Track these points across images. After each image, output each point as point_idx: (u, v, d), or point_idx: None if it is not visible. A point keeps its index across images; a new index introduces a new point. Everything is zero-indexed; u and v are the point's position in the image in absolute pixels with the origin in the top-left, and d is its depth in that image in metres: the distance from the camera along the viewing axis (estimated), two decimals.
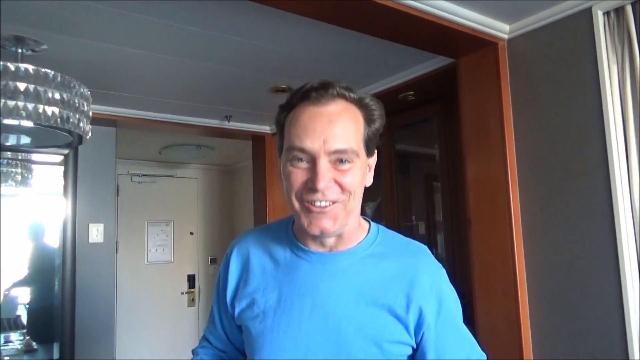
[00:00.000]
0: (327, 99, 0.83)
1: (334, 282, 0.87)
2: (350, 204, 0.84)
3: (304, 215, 0.83)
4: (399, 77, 2.47)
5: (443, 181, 2.68)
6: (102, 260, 3.02)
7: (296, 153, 0.82)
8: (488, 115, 1.95)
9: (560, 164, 1.75)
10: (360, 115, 0.86)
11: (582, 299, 1.67)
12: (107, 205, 3.08)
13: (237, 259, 0.97)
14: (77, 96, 1.73)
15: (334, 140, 0.80)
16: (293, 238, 0.93)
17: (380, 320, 0.84)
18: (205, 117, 3.17)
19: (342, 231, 0.87)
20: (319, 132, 0.80)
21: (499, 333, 1.86)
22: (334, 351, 0.84)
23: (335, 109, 0.83)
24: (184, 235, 4.85)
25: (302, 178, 0.82)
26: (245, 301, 0.92)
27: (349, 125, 0.83)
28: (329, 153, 0.81)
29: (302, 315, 0.86)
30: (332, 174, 0.81)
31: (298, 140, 0.81)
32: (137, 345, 4.32)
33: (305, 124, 0.82)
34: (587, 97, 1.67)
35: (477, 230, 1.97)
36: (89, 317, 2.93)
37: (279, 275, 0.91)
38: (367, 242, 0.91)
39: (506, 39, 1.94)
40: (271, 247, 0.95)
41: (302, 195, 0.83)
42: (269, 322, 0.88)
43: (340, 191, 0.82)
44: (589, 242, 1.66)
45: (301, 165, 0.82)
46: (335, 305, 0.85)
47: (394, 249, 0.92)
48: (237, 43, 2.00)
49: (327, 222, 0.82)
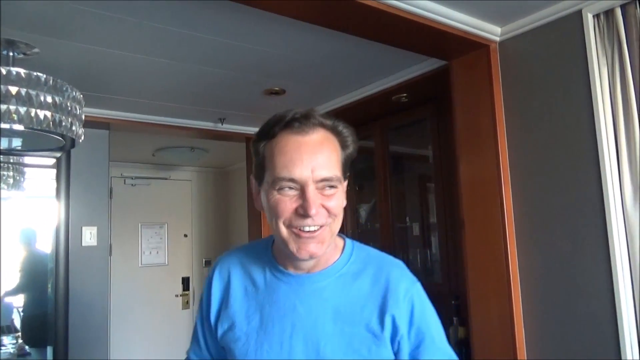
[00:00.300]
0: (309, 127, 0.86)
1: (311, 303, 0.90)
2: (334, 226, 0.88)
3: (292, 241, 0.86)
4: (392, 79, 2.48)
5: (437, 182, 2.69)
6: (96, 263, 3.01)
7: (285, 183, 0.84)
8: (480, 116, 1.97)
9: (552, 165, 1.77)
10: (337, 143, 0.90)
11: (574, 298, 1.69)
12: (101, 208, 3.06)
13: (218, 280, 1.00)
14: (70, 99, 1.73)
15: (320, 169, 0.84)
16: (273, 260, 0.96)
17: (358, 338, 0.87)
18: (198, 120, 3.17)
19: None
20: (307, 162, 0.84)
21: (493, 333, 1.87)
22: None
23: (317, 138, 0.86)
24: (178, 237, 4.84)
25: (292, 206, 0.84)
26: (227, 323, 0.95)
27: (332, 154, 0.87)
28: (317, 181, 0.84)
29: (283, 336, 0.89)
30: (320, 200, 0.85)
31: (287, 171, 0.84)
32: (131, 347, 4.30)
33: (292, 154, 0.84)
34: (578, 99, 1.69)
35: (471, 231, 1.98)
36: (82, 320, 2.92)
37: (259, 297, 0.94)
38: (342, 261, 0.94)
39: (498, 41, 1.96)
40: (252, 269, 0.98)
41: (291, 222, 0.85)
42: (251, 345, 0.91)
43: (327, 215, 0.86)
44: (581, 242, 1.68)
45: (290, 193, 0.85)
46: (313, 325, 0.88)
47: (369, 265, 0.94)
48: (230, 46, 2.00)
49: (315, 246, 0.86)
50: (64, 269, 2.87)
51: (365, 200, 3.28)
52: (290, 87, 2.60)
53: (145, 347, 4.35)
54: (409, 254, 3.00)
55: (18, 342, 3.58)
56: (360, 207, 3.27)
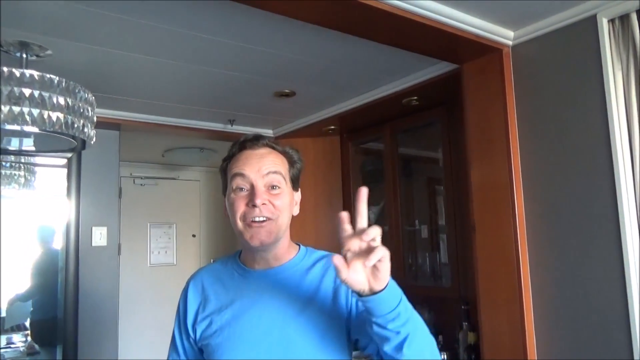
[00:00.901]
0: (258, 146, 1.09)
1: (274, 292, 1.07)
2: (280, 221, 1.05)
3: (246, 231, 1.04)
4: (402, 82, 2.47)
5: (447, 185, 2.67)
6: (105, 263, 3.02)
7: (238, 180, 1.05)
8: (492, 121, 1.95)
9: (564, 171, 1.75)
10: (284, 159, 1.11)
11: (587, 306, 1.67)
12: (110, 208, 3.08)
13: (193, 290, 1.17)
14: (82, 101, 1.73)
15: (266, 167, 1.05)
16: (240, 263, 1.15)
17: (315, 318, 1.03)
18: (208, 121, 3.18)
19: (275, 246, 1.08)
20: (254, 163, 1.06)
21: (503, 339, 1.85)
22: (282, 348, 1.01)
23: (265, 151, 1.09)
24: (186, 237, 4.85)
25: (245, 201, 1.04)
26: (205, 323, 1.10)
27: (277, 159, 1.09)
28: (263, 176, 1.05)
29: (252, 323, 1.05)
30: (267, 196, 1.04)
31: (238, 169, 1.06)
32: (140, 346, 4.32)
33: (243, 160, 1.07)
34: (592, 104, 1.67)
35: (482, 236, 1.97)
36: (92, 319, 2.94)
37: (230, 295, 1.11)
38: (297, 258, 1.12)
39: (511, 45, 1.94)
40: (222, 276, 1.16)
41: (244, 215, 1.03)
42: (225, 334, 1.06)
43: (273, 209, 1.04)
44: (594, 249, 1.66)
45: (242, 193, 1.05)
46: (277, 311, 1.04)
47: (319, 261, 1.12)
48: (241, 48, 2.00)
49: (264, 234, 1.03)
50: (74, 269, 2.89)
51: (374, 203, 3.27)
52: (301, 89, 2.59)
53: (154, 346, 4.35)
54: (417, 257, 2.99)
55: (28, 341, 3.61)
56: (369, 209, 3.23)
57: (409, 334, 0.86)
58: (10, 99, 1.55)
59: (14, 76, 1.57)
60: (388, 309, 0.83)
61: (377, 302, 0.82)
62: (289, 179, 1.10)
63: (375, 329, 0.86)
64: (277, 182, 1.06)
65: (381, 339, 0.87)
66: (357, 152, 3.40)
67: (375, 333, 0.87)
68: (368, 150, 3.44)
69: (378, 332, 0.86)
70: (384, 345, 0.87)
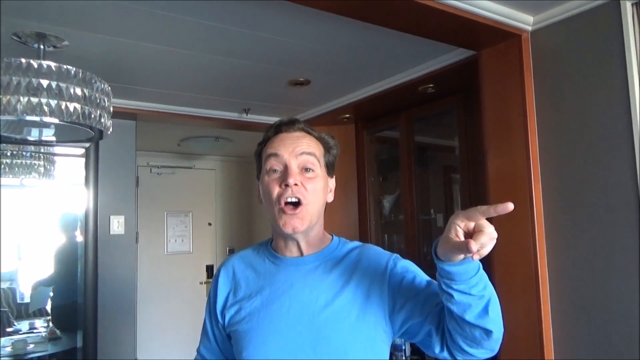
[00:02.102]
0: (294, 129, 1.08)
1: (306, 281, 1.05)
2: (312, 207, 1.03)
3: (280, 217, 1.02)
4: (418, 70, 2.44)
5: (462, 173, 2.65)
6: (123, 251, 3.07)
7: (272, 161, 1.04)
8: (510, 108, 1.92)
9: (584, 160, 1.72)
10: (319, 144, 1.10)
11: (605, 296, 1.65)
12: (128, 197, 3.12)
13: (224, 277, 1.15)
14: (98, 92, 1.75)
15: (300, 148, 1.05)
16: (271, 250, 1.13)
17: (347, 307, 1.01)
18: (223, 110, 3.18)
19: (308, 233, 1.06)
20: (288, 145, 1.05)
21: (520, 330, 1.84)
22: (311, 337, 0.99)
23: (300, 134, 1.09)
24: (202, 226, 4.90)
25: (278, 182, 1.03)
26: (234, 308, 1.09)
27: (312, 142, 1.08)
28: (297, 156, 1.04)
29: (281, 310, 1.03)
30: (300, 178, 1.02)
31: (272, 149, 1.05)
32: (157, 333, 4.40)
33: (278, 142, 1.07)
34: (614, 91, 1.63)
35: (498, 226, 1.93)
36: (111, 306, 2.99)
37: (260, 282, 1.09)
38: (331, 248, 1.11)
39: (530, 30, 1.90)
40: (253, 262, 1.14)
41: (278, 196, 1.02)
42: (254, 321, 1.04)
43: (305, 192, 1.02)
44: (613, 239, 1.63)
45: (275, 175, 1.04)
46: (308, 299, 1.02)
47: (352, 250, 1.11)
48: (255, 37, 1.99)
49: (297, 221, 1.01)
50: (93, 256, 2.95)
51: (389, 192, 3.26)
52: (315, 78, 2.58)
53: (171, 332, 4.44)
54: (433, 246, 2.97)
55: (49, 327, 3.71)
56: (384, 198, 3.25)
57: (491, 296, 0.87)
58: (28, 90, 1.57)
59: (31, 67, 1.59)
60: (473, 273, 0.84)
61: (466, 266, 0.83)
62: (324, 163, 1.09)
63: (458, 297, 0.85)
64: (311, 165, 1.05)
65: (464, 308, 0.85)
66: (372, 141, 3.38)
67: (457, 302, 0.85)
68: (383, 138, 3.42)
69: (461, 300, 0.85)
70: (468, 313, 0.86)
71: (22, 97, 1.56)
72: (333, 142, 1.13)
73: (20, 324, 4.26)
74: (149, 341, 4.32)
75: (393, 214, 3.18)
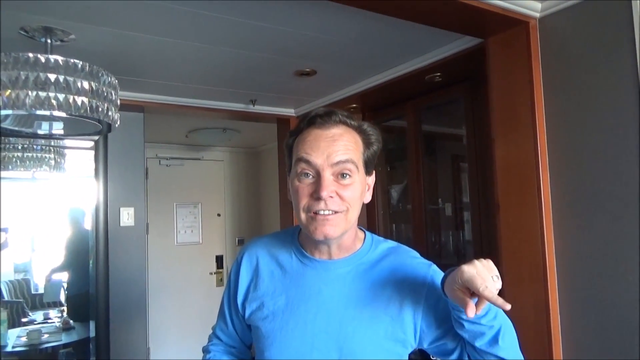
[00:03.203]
0: (330, 124, 0.95)
1: (335, 287, 0.98)
2: (349, 215, 0.94)
3: (310, 223, 0.93)
4: (425, 59, 2.42)
5: (470, 162, 2.64)
6: (134, 242, 3.11)
7: (303, 166, 0.93)
8: (518, 97, 1.90)
9: (593, 149, 1.70)
10: (359, 138, 0.97)
11: (613, 284, 1.64)
12: (137, 188, 3.15)
13: (247, 264, 1.08)
14: (105, 85, 1.76)
15: (335, 154, 0.92)
16: (299, 246, 1.04)
17: (377, 320, 0.95)
18: (230, 101, 3.19)
19: (342, 239, 0.97)
20: (323, 149, 0.92)
21: (527, 318, 1.84)
22: (336, 348, 0.94)
23: (337, 132, 0.94)
24: (211, 216, 4.94)
25: (309, 191, 0.92)
26: (255, 303, 1.03)
27: (349, 143, 0.94)
28: (332, 165, 0.92)
29: (307, 317, 0.96)
30: (334, 187, 0.92)
31: (305, 153, 0.93)
32: (168, 322, 4.46)
33: (311, 142, 0.93)
34: (623, 79, 1.60)
35: (506, 215, 1.94)
36: (122, 296, 3.04)
37: (286, 280, 1.02)
38: (363, 251, 1.02)
39: (538, 17, 1.87)
40: (278, 254, 1.06)
41: (308, 206, 0.93)
42: (277, 323, 0.98)
43: (341, 203, 0.92)
44: (622, 227, 1.62)
45: (307, 180, 0.93)
46: (336, 307, 0.96)
47: (387, 255, 1.02)
48: (261, 28, 1.99)
49: (330, 228, 0.92)
50: (104, 248, 2.99)
51: (397, 181, 3.25)
52: (321, 68, 2.57)
53: (181, 322, 4.50)
54: (441, 235, 2.97)
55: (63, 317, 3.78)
56: (391, 187, 3.25)
57: (502, 325, 0.88)
58: (36, 84, 1.59)
59: (39, 62, 1.60)
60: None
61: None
62: (362, 163, 0.96)
63: (468, 327, 0.86)
64: (348, 171, 0.93)
65: (474, 336, 0.87)
66: None
67: (467, 331, 0.87)
68: (390, 128, 3.40)
69: (471, 329, 0.86)
70: (478, 341, 0.87)
71: (30, 92, 1.58)
72: (375, 136, 1.00)
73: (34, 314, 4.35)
74: (160, 330, 4.38)
75: (401, 203, 3.18)
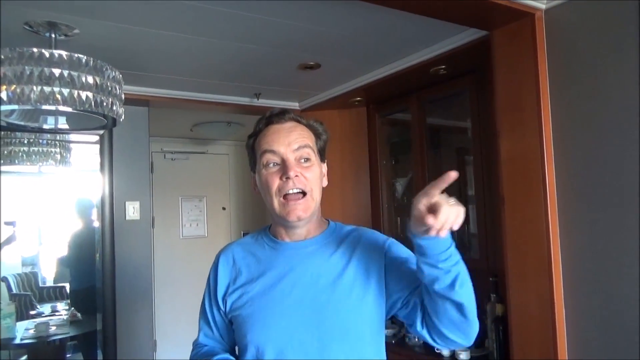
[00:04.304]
0: (285, 119, 1.11)
1: (306, 263, 1.08)
2: (314, 195, 1.07)
3: (282, 207, 1.06)
4: (429, 51, 2.40)
5: (475, 155, 2.63)
6: (139, 236, 3.12)
7: (269, 156, 1.06)
8: (523, 90, 1.89)
9: (598, 142, 1.69)
10: (310, 132, 1.13)
11: (618, 278, 1.63)
12: (143, 182, 3.16)
13: (224, 264, 1.17)
14: (110, 80, 1.76)
15: (295, 142, 1.07)
16: (270, 236, 1.16)
17: (348, 286, 1.05)
18: (234, 95, 3.18)
19: (310, 222, 1.10)
20: (283, 138, 1.07)
21: (532, 312, 1.84)
22: (313, 318, 1.02)
23: (292, 125, 1.11)
24: (216, 210, 4.95)
25: (277, 176, 1.05)
26: (236, 294, 1.11)
27: (304, 132, 1.11)
28: (293, 151, 1.06)
29: (283, 293, 1.06)
30: (299, 169, 1.05)
31: (268, 145, 1.07)
32: (174, 315, 4.49)
33: (272, 135, 1.08)
34: (631, 72, 1.59)
35: (511, 209, 1.94)
36: (128, 289, 3.06)
37: (261, 267, 1.11)
38: (328, 232, 1.15)
39: (544, 9, 1.85)
40: (253, 249, 1.16)
41: (279, 189, 1.05)
42: (256, 305, 1.07)
43: (305, 182, 1.06)
44: (627, 221, 1.61)
45: (274, 168, 1.07)
46: (309, 281, 1.06)
47: (349, 234, 1.15)
48: (264, 21, 1.98)
49: (301, 210, 1.05)
50: (110, 241, 3.00)
51: (402, 174, 3.24)
52: (325, 61, 2.56)
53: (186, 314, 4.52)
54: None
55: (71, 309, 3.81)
56: (396, 181, 3.25)
57: (459, 273, 0.93)
58: (41, 79, 1.59)
59: (44, 57, 1.60)
60: (442, 249, 0.90)
61: (435, 242, 0.89)
62: (317, 151, 1.12)
63: (427, 270, 0.93)
64: (307, 154, 1.08)
65: (433, 280, 0.93)
66: (383, 124, 3.36)
67: (426, 275, 0.93)
68: (395, 121, 3.39)
69: (429, 272, 0.92)
70: (437, 284, 0.93)
71: (35, 87, 1.58)
72: (322, 128, 1.16)
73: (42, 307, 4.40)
74: (166, 323, 4.41)
75: (406, 196, 3.17)
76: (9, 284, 4.60)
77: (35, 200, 4.85)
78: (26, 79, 1.57)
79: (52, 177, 4.72)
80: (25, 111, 1.86)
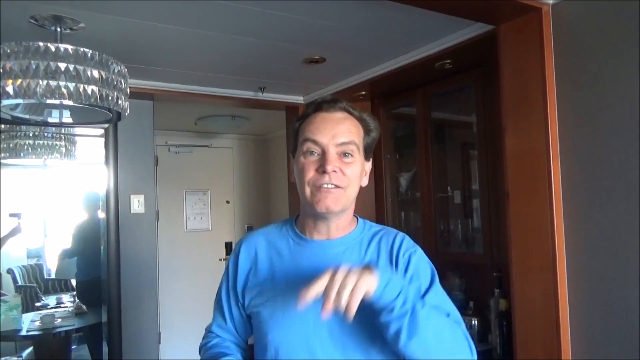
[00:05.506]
0: (335, 109, 1.05)
1: (332, 264, 0.99)
2: (349, 191, 1.02)
3: (313, 195, 1.00)
4: (435, 46, 2.39)
5: (480, 150, 2.62)
6: (144, 229, 3.14)
7: (309, 144, 1.01)
8: (529, 85, 1.88)
9: (605, 138, 1.68)
10: (360, 126, 1.07)
11: (623, 275, 1.63)
12: (147, 176, 3.17)
13: (245, 254, 1.12)
14: (115, 74, 1.76)
15: (340, 135, 1.01)
16: (296, 231, 1.10)
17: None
18: (239, 89, 3.18)
19: (340, 216, 1.04)
20: (329, 130, 1.01)
21: (536, 307, 1.84)
22: (336, 325, 0.98)
23: (341, 116, 1.05)
24: (220, 203, 4.97)
25: (314, 166, 1.00)
26: (255, 290, 1.07)
27: (352, 127, 1.04)
28: (336, 145, 1.01)
29: None
30: (338, 163, 1.00)
31: (311, 134, 1.02)
32: (179, 307, 4.53)
33: (318, 124, 1.03)
34: (638, 67, 1.57)
35: (515, 204, 1.93)
36: (133, 282, 3.08)
37: (284, 264, 1.06)
38: (357, 231, 1.09)
39: (551, 3, 1.84)
40: (276, 242, 1.11)
41: (314, 180, 1.00)
42: (279, 304, 1.02)
43: (343, 177, 1.00)
44: (633, 218, 1.60)
45: (313, 157, 1.01)
46: None
47: (377, 235, 1.09)
48: (270, 15, 1.97)
49: (332, 201, 0.99)
50: (115, 235, 3.02)
51: (406, 169, 3.24)
52: (330, 56, 2.55)
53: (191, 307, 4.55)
54: (449, 223, 2.97)
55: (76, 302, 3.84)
56: (400, 175, 3.24)
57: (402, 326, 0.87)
58: (47, 73, 1.59)
59: (49, 51, 1.61)
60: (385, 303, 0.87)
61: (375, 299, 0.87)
62: (362, 148, 1.06)
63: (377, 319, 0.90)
64: (351, 151, 1.02)
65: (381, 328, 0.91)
66: (388, 118, 3.35)
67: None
68: (400, 115, 3.38)
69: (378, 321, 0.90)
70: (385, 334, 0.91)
71: (41, 81, 1.58)
72: (374, 124, 1.09)
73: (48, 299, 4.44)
74: (171, 316, 4.45)
75: (410, 191, 3.17)
76: (15, 275, 4.64)
77: (41, 192, 4.88)
78: (32, 73, 1.58)
79: (57, 170, 4.74)
80: (30, 105, 1.87)
